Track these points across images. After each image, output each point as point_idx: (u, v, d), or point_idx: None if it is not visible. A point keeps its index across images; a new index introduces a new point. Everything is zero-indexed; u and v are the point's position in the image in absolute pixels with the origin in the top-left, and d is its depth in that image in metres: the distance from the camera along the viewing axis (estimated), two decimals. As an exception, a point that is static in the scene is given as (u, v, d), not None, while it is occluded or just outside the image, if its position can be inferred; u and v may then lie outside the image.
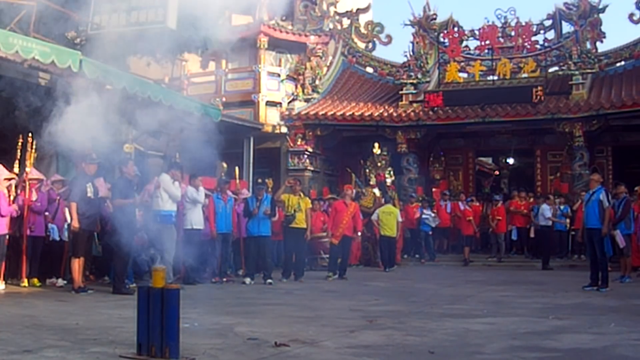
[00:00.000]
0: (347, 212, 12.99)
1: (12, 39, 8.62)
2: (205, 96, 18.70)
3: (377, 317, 6.97)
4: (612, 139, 19.05)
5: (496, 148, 21.39)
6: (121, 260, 9.17)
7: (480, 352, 5.04)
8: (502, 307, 8.07)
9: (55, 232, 10.30)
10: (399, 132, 18.88)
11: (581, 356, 5.01)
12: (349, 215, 12.99)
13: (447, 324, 6.47)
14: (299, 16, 22.47)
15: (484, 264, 16.84)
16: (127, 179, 9.53)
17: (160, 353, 4.43)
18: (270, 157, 19.45)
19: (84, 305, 7.67)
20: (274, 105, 19.87)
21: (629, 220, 12.06)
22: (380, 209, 15.10)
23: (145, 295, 4.55)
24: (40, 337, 5.32)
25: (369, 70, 22.15)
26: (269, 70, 20.08)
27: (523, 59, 19.29)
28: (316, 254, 14.59)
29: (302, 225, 11.97)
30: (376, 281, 12.05)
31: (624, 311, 7.77)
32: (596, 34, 19.21)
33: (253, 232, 11.19)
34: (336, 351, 5.04)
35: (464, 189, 19.97)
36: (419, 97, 19.22)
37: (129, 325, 5.36)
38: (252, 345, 5.19)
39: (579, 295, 9.59)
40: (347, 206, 13.10)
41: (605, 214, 10.45)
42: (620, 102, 16.85)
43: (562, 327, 6.39)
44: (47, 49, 9.06)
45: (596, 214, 10.50)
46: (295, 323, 6.56)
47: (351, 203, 13.27)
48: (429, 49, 20.59)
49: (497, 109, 17.87)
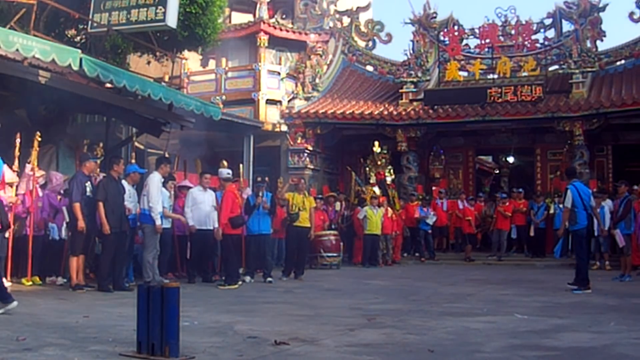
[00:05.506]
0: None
1: (13, 37, 8.60)
2: (205, 94, 18.72)
3: (376, 315, 6.97)
4: (612, 137, 19.04)
5: (496, 146, 21.38)
6: (106, 257, 9.28)
7: (480, 351, 5.04)
8: (502, 305, 8.07)
9: (55, 231, 10.32)
10: (399, 131, 18.88)
11: (581, 355, 5.01)
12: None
13: (447, 323, 6.47)
14: (299, 14, 22.48)
15: (484, 262, 16.87)
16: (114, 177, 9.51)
17: (160, 351, 4.43)
18: (270, 155, 19.44)
19: (84, 304, 7.67)
20: (274, 104, 19.86)
21: (629, 219, 12.06)
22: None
23: (145, 294, 4.56)
24: (40, 335, 5.32)
25: (369, 68, 22.15)
26: (269, 68, 20.06)
27: (523, 58, 19.32)
28: (316, 252, 14.60)
29: (306, 224, 11.95)
30: (376, 279, 12.05)
31: (624, 310, 7.78)
32: (596, 32, 19.19)
33: (253, 230, 11.17)
34: (336, 349, 5.04)
35: (464, 188, 19.99)
36: (419, 96, 19.23)
37: (128, 324, 5.37)
38: (252, 343, 5.19)
39: (579, 294, 9.58)
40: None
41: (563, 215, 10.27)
42: (621, 101, 16.85)
43: (561, 326, 6.39)
44: (48, 47, 9.04)
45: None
46: (295, 321, 6.56)
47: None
48: (429, 48, 20.58)
49: (497, 107, 17.88)
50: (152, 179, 9.91)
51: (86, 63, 9.57)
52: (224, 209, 10.39)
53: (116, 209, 9.27)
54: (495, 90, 18.02)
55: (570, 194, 9.91)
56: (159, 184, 9.97)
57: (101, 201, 9.12)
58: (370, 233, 15.50)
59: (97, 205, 9.12)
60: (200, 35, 14.37)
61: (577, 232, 10.07)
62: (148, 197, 9.78)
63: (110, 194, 9.23)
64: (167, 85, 13.61)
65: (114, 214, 9.20)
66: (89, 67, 9.63)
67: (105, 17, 12.47)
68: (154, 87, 11.39)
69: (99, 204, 9.11)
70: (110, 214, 9.14)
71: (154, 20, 12.16)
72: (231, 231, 10.46)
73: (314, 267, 14.37)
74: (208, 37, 14.62)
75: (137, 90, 10.84)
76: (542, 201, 17.25)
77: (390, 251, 16.36)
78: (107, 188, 9.24)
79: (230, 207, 10.43)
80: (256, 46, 20.80)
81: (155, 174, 10.07)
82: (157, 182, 9.89)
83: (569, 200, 9.90)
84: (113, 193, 9.29)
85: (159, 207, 9.81)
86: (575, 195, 9.89)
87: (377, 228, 15.53)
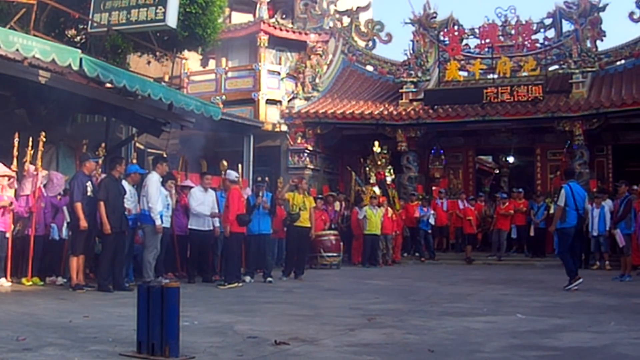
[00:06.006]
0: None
1: (13, 37, 8.61)
2: (205, 94, 18.73)
3: (376, 315, 6.97)
4: (612, 137, 19.04)
5: (496, 146, 21.38)
6: (106, 257, 9.28)
7: (480, 351, 5.04)
8: (502, 305, 8.07)
9: (55, 231, 10.32)
10: (399, 131, 18.89)
11: (581, 355, 5.01)
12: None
13: (447, 323, 6.47)
14: (299, 14, 22.48)
15: (484, 262, 16.87)
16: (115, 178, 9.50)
17: (160, 351, 4.43)
18: (270, 155, 19.46)
19: (84, 304, 7.67)
20: (274, 104, 19.87)
21: (629, 219, 12.06)
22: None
23: (145, 294, 4.55)
24: (40, 335, 5.32)
25: (369, 68, 22.15)
26: (269, 68, 20.07)
27: (523, 58, 19.32)
28: (316, 252, 14.60)
29: (307, 224, 11.95)
30: (376, 279, 12.05)
31: (624, 310, 7.77)
32: (596, 32, 19.19)
33: (253, 230, 11.16)
34: (336, 349, 5.04)
35: (464, 188, 20.00)
36: (419, 96, 19.23)
37: (128, 324, 5.37)
38: (252, 343, 5.19)
39: (578, 293, 9.58)
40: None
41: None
42: (621, 101, 16.85)
43: (562, 326, 6.39)
44: (47, 47, 9.05)
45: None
46: (295, 321, 6.56)
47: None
48: (429, 48, 20.58)
49: (497, 107, 17.89)
50: (151, 179, 9.91)
51: (86, 63, 9.58)
52: (232, 207, 10.34)
53: (117, 209, 9.27)
54: (491, 90, 18.02)
55: (564, 193, 10.12)
56: (158, 183, 9.96)
57: (103, 201, 9.12)
58: (370, 233, 15.53)
59: (98, 205, 9.13)
60: (200, 35, 14.38)
61: (564, 231, 10.20)
62: (147, 197, 9.78)
63: (111, 194, 9.23)
64: (167, 85, 13.62)
65: (114, 214, 9.20)
66: (89, 67, 9.64)
67: (105, 17, 12.48)
68: (154, 87, 11.39)
69: (100, 204, 9.12)
70: (111, 214, 9.14)
71: (154, 20, 12.17)
72: (237, 229, 10.44)
73: (314, 267, 14.37)
74: (208, 37, 14.63)
75: (137, 90, 10.84)
76: (542, 201, 17.25)
77: (390, 251, 16.37)
78: (108, 188, 9.25)
79: (237, 206, 10.43)
80: (256, 46, 20.81)
81: (153, 174, 10.06)
82: (155, 182, 9.88)
83: (562, 198, 10.11)
84: (114, 193, 9.29)
85: (158, 207, 9.81)
86: (568, 194, 10.08)
87: (377, 228, 15.57)
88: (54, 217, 10.38)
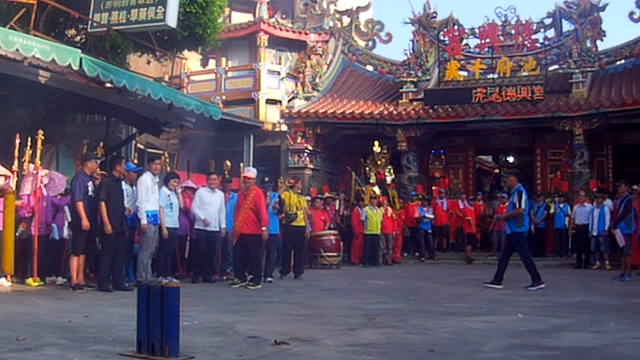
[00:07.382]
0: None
1: (13, 37, 8.61)
2: (205, 94, 18.74)
3: (376, 315, 6.96)
4: (612, 137, 19.05)
5: (496, 146, 21.38)
6: (106, 257, 9.28)
7: (480, 351, 5.04)
8: (502, 305, 8.07)
9: (55, 231, 10.31)
10: (399, 130, 18.88)
11: (581, 355, 5.01)
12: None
13: (447, 322, 6.47)
14: (299, 14, 22.49)
15: (484, 262, 16.85)
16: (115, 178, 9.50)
17: (160, 351, 4.43)
18: (270, 155, 19.46)
19: (84, 304, 7.67)
20: (274, 103, 19.88)
21: (629, 219, 12.06)
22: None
23: (145, 293, 4.55)
24: (40, 335, 5.32)
25: (369, 68, 22.16)
26: (269, 68, 20.08)
27: (523, 58, 19.34)
28: (316, 252, 14.60)
29: (303, 223, 11.98)
30: (376, 279, 12.05)
31: (624, 310, 7.77)
32: (596, 32, 19.20)
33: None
34: (336, 349, 5.04)
35: (464, 188, 20.00)
36: (419, 96, 19.23)
37: (128, 323, 5.36)
38: (252, 343, 5.19)
39: (578, 293, 9.59)
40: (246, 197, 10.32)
41: (513, 213, 10.37)
42: (621, 101, 16.85)
43: (561, 326, 6.39)
44: (47, 47, 9.05)
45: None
46: (295, 321, 6.56)
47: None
48: (429, 47, 20.59)
49: (497, 107, 17.88)
50: (140, 180, 9.83)
51: (86, 63, 9.58)
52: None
53: (117, 209, 9.26)
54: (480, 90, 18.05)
55: (525, 197, 10.34)
56: (148, 183, 9.84)
57: (104, 201, 9.12)
58: (370, 233, 15.53)
59: (99, 205, 9.13)
60: (200, 35, 14.38)
61: (523, 234, 10.45)
62: (136, 196, 9.78)
63: (112, 194, 9.23)
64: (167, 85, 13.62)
65: (115, 214, 9.19)
66: (89, 67, 9.63)
67: (105, 16, 12.48)
68: (154, 87, 11.39)
69: (101, 204, 9.11)
70: (112, 214, 9.13)
71: (153, 20, 12.18)
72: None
73: (314, 267, 14.37)
74: (208, 37, 14.64)
75: (137, 90, 10.83)
76: (542, 201, 17.27)
77: (390, 251, 16.38)
78: (109, 188, 9.25)
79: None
80: (256, 46, 20.82)
81: (144, 175, 9.98)
82: (144, 182, 9.81)
83: (525, 203, 10.30)
84: (115, 193, 9.28)
85: (146, 207, 9.70)
86: (527, 198, 10.35)
87: (377, 228, 15.57)
88: (54, 217, 10.38)
